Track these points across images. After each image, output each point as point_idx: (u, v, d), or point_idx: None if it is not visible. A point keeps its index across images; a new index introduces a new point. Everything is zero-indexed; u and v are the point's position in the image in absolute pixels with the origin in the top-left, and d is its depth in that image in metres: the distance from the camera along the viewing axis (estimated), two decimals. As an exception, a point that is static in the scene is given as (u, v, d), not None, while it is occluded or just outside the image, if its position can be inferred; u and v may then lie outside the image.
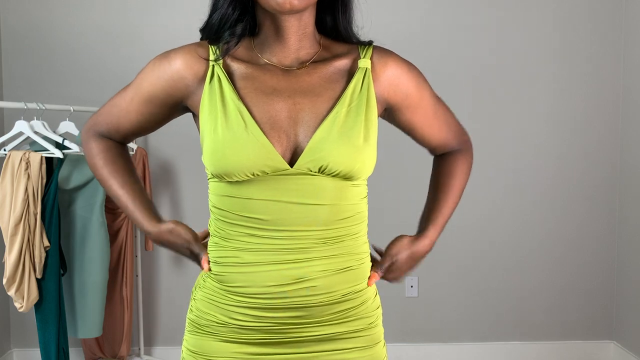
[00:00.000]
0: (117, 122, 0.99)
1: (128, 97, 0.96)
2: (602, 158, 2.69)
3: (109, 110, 0.99)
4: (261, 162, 0.83)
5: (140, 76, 0.96)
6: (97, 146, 1.01)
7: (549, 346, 2.74)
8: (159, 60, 0.96)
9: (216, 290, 0.91)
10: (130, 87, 0.97)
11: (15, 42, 2.60)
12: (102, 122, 1.00)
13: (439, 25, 2.64)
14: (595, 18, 2.65)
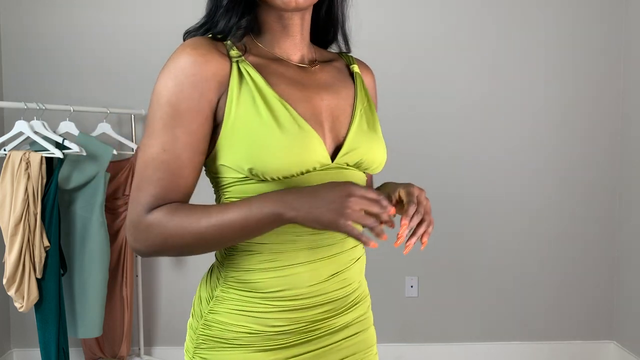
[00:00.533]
0: (172, 180, 0.78)
1: (169, 139, 0.77)
2: (602, 158, 2.69)
3: (152, 176, 0.77)
4: (314, 158, 0.81)
5: (172, 102, 0.76)
6: (160, 216, 0.77)
7: (549, 346, 2.74)
8: (189, 74, 0.77)
9: (247, 299, 0.85)
10: (165, 126, 0.76)
11: (15, 42, 2.60)
12: (151, 196, 0.77)
13: (438, 27, 2.64)
14: (595, 18, 2.65)
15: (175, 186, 0.79)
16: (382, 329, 2.74)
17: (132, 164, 2.43)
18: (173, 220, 0.77)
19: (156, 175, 0.77)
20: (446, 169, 2.67)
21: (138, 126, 2.64)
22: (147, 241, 0.78)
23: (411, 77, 2.65)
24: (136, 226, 0.78)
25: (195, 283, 2.90)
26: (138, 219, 0.77)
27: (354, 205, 0.72)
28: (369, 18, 2.63)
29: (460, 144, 2.67)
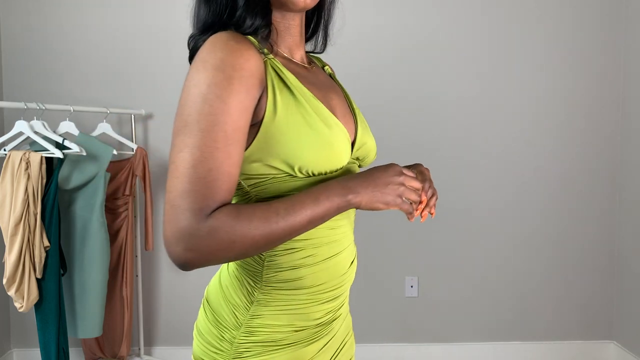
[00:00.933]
0: (224, 180, 0.73)
1: (220, 137, 0.72)
2: (602, 158, 2.69)
3: (205, 177, 0.71)
4: (347, 155, 0.84)
5: (222, 97, 0.72)
6: (223, 219, 0.71)
7: (549, 346, 2.74)
8: (237, 68, 0.73)
9: (292, 297, 0.84)
10: (215, 123, 0.72)
11: (15, 42, 2.60)
12: (205, 199, 0.71)
13: (437, 26, 2.64)
14: (595, 18, 2.65)
15: (226, 186, 0.73)
16: (382, 329, 2.76)
17: (132, 164, 2.43)
18: (239, 222, 0.71)
19: (210, 177, 0.71)
20: (445, 169, 2.67)
21: (138, 126, 2.64)
22: (209, 247, 0.71)
23: (410, 76, 2.65)
24: (193, 233, 0.70)
25: (195, 283, 2.91)
26: (194, 225, 0.70)
27: (407, 183, 0.81)
28: (365, 14, 2.63)
29: (459, 144, 2.67)
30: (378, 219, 2.64)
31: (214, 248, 0.71)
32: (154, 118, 2.65)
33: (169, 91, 2.63)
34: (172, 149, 0.74)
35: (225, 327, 0.86)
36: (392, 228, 2.67)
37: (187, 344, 2.73)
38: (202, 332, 0.90)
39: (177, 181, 0.72)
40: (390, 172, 0.81)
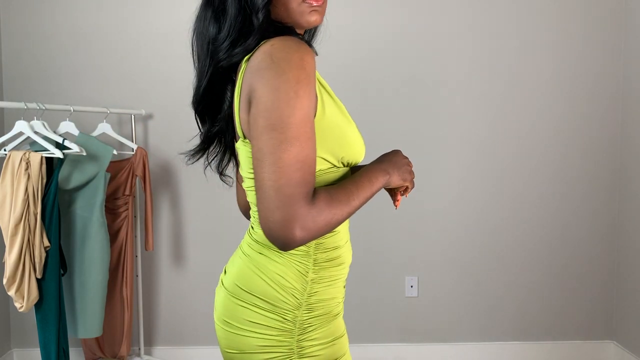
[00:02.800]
0: (314, 170, 0.83)
1: (309, 130, 0.80)
2: (602, 158, 2.70)
3: (308, 170, 0.80)
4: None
5: (310, 94, 0.80)
6: (323, 200, 0.82)
7: (549, 346, 2.74)
8: (313, 68, 0.82)
9: (334, 273, 0.97)
10: (305, 118, 0.80)
11: (15, 42, 2.60)
12: (310, 187, 0.80)
13: (436, 24, 2.64)
14: (595, 15, 2.65)
15: (315, 172, 0.83)
16: (382, 329, 2.76)
17: (132, 164, 2.43)
18: (333, 203, 0.83)
19: (307, 165, 0.79)
20: (444, 169, 2.68)
21: (138, 126, 2.64)
22: (317, 226, 0.80)
23: (411, 75, 2.65)
24: (306, 216, 0.79)
25: (195, 283, 2.91)
26: (307, 208, 0.78)
27: (410, 167, 1.02)
28: (356, 13, 2.63)
29: (459, 144, 2.67)
30: (378, 218, 2.64)
31: (320, 226, 0.81)
32: (154, 118, 2.65)
33: (169, 91, 2.63)
34: (266, 142, 0.79)
35: (286, 310, 0.92)
36: (392, 228, 2.67)
37: (187, 343, 2.73)
38: (255, 323, 0.92)
39: (283, 171, 0.78)
40: (401, 156, 1.01)
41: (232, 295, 0.95)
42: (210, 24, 0.91)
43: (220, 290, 1.00)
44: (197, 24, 0.95)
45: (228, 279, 0.98)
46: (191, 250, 2.71)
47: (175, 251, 2.71)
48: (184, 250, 2.71)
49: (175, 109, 2.63)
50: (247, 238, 1.00)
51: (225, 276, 1.01)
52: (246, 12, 0.88)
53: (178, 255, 2.71)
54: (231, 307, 0.95)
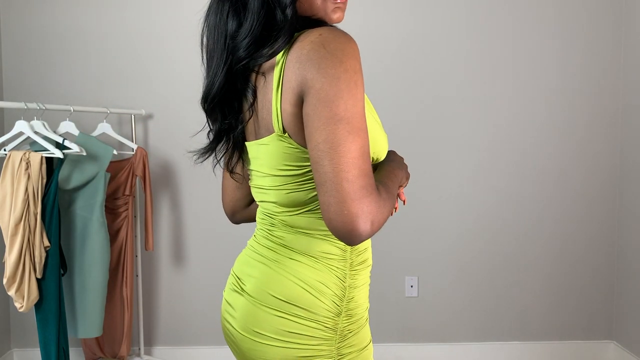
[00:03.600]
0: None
1: (366, 124, 0.79)
2: (602, 159, 2.70)
3: (369, 163, 0.78)
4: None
5: (361, 91, 0.78)
6: (379, 192, 0.80)
7: (549, 346, 2.74)
8: (361, 63, 0.80)
9: (365, 275, 0.97)
10: (364, 113, 0.79)
11: (15, 42, 2.60)
12: (372, 179, 0.79)
13: (436, 24, 2.64)
14: (595, 17, 2.65)
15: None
16: (382, 329, 2.76)
17: (132, 164, 2.43)
18: (385, 196, 0.81)
19: (370, 160, 0.79)
20: (444, 170, 2.68)
21: (138, 126, 2.64)
22: (382, 217, 0.78)
23: (410, 74, 2.65)
24: (378, 206, 0.77)
25: (195, 283, 2.90)
26: (378, 198, 0.77)
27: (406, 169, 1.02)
28: (366, 13, 2.63)
29: (460, 144, 2.67)
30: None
31: (384, 219, 0.78)
32: (154, 118, 2.65)
33: (169, 91, 2.63)
34: (332, 134, 0.75)
35: (327, 318, 0.89)
36: (392, 228, 2.67)
37: (187, 343, 2.73)
38: (294, 333, 0.88)
39: (353, 163, 0.75)
40: (400, 158, 1.01)
41: (264, 304, 0.89)
42: (229, 19, 0.86)
43: (240, 298, 0.93)
44: (212, 17, 0.90)
45: (253, 286, 0.92)
46: (191, 250, 2.71)
47: (175, 251, 2.71)
48: (184, 250, 2.71)
49: (175, 109, 2.63)
50: (264, 242, 0.95)
51: (242, 282, 0.95)
52: (270, 7, 0.83)
53: (178, 255, 2.71)
54: (263, 316, 0.89)
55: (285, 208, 0.91)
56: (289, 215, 0.91)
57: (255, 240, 0.99)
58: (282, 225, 0.92)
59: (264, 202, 0.95)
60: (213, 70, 0.90)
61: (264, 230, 0.96)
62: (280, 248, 0.92)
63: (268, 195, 0.92)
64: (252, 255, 0.96)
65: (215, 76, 0.89)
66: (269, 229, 0.95)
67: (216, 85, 0.89)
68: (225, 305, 0.99)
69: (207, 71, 0.92)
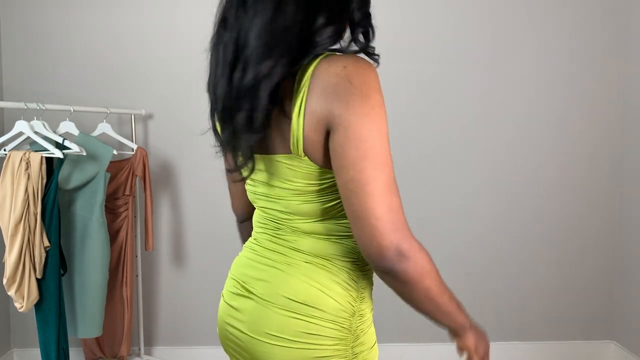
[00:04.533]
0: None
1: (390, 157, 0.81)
2: (602, 158, 2.70)
3: (397, 193, 0.81)
4: None
5: (385, 137, 0.80)
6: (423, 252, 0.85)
7: (549, 346, 2.74)
8: (383, 97, 0.81)
9: (370, 277, 1.01)
10: (388, 146, 0.80)
11: (15, 42, 2.60)
12: (402, 209, 0.84)
13: (434, 25, 2.64)
14: (596, 17, 2.65)
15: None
16: (382, 329, 2.75)
17: (132, 164, 2.43)
18: (432, 269, 0.86)
19: (398, 194, 0.81)
20: (444, 169, 2.67)
21: (138, 126, 2.64)
22: (418, 263, 0.83)
23: (412, 77, 2.65)
24: (405, 241, 0.82)
25: (195, 283, 2.91)
26: (406, 237, 0.82)
27: (487, 357, 1.05)
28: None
29: (458, 144, 2.67)
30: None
31: (420, 267, 0.84)
32: (154, 118, 2.65)
33: (169, 91, 2.63)
34: (362, 173, 0.77)
35: (343, 318, 0.90)
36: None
37: (187, 344, 2.73)
38: (312, 334, 0.88)
39: (383, 200, 0.78)
40: (486, 339, 1.07)
41: (279, 306, 0.89)
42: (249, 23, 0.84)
43: (249, 302, 0.93)
44: (232, 20, 0.86)
45: (264, 290, 0.92)
46: (191, 250, 2.71)
47: (175, 251, 2.71)
48: (184, 250, 2.71)
49: (175, 109, 2.63)
50: (271, 245, 0.95)
51: (249, 286, 0.94)
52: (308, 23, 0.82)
53: (178, 255, 2.71)
54: (278, 319, 0.89)
55: (296, 216, 0.91)
56: (301, 223, 0.91)
57: (257, 244, 0.98)
58: (291, 230, 0.93)
59: (268, 209, 0.95)
60: (226, 80, 0.86)
61: (268, 234, 0.96)
62: (290, 251, 0.92)
63: (275, 204, 0.93)
64: (257, 259, 0.96)
65: (229, 86, 0.85)
66: (275, 233, 0.95)
67: (235, 96, 0.85)
68: (229, 310, 0.97)
69: (220, 80, 0.87)
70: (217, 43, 0.89)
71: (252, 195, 0.99)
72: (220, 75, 0.87)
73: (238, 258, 1.04)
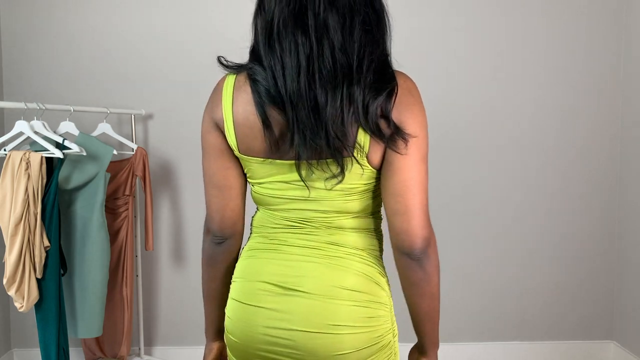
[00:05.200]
0: None
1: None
2: (602, 158, 2.69)
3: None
4: None
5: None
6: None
7: (549, 346, 2.74)
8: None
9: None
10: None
11: (15, 42, 2.60)
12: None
13: (436, 27, 2.64)
14: (596, 16, 2.65)
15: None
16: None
17: (132, 164, 2.43)
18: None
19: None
20: (445, 169, 2.67)
21: (138, 126, 2.64)
22: (437, 255, 1.09)
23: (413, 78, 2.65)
24: (434, 237, 1.04)
25: (195, 283, 2.91)
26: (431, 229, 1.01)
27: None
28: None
29: (459, 145, 2.67)
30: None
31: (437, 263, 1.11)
32: (154, 118, 2.65)
33: (169, 91, 2.63)
34: (420, 173, 0.94)
35: (387, 300, 1.04)
36: (392, 228, 2.67)
37: (187, 343, 2.73)
38: (369, 317, 0.98)
39: (426, 196, 0.95)
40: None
41: (336, 297, 0.96)
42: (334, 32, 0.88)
43: (297, 300, 0.96)
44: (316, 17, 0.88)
45: (315, 285, 0.96)
46: (191, 250, 2.71)
47: (175, 251, 2.71)
48: (184, 250, 2.71)
49: (175, 109, 2.63)
50: (306, 243, 0.99)
51: (293, 285, 0.97)
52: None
53: (178, 255, 2.71)
54: (337, 309, 0.96)
55: (339, 214, 0.99)
56: (342, 219, 0.99)
57: (284, 244, 1.00)
58: (327, 226, 0.99)
59: (299, 210, 0.99)
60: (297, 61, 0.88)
61: (298, 233, 1.00)
62: (328, 246, 0.99)
63: (312, 204, 0.98)
64: (291, 257, 0.99)
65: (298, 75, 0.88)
66: (308, 231, 1.00)
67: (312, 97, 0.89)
68: (268, 314, 0.97)
69: (292, 65, 0.88)
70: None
71: (276, 199, 1.00)
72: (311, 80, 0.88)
73: (255, 262, 1.02)
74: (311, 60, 0.87)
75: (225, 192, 1.03)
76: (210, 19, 2.57)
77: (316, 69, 0.87)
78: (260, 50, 0.91)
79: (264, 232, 1.04)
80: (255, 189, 1.03)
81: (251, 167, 1.00)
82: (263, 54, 0.90)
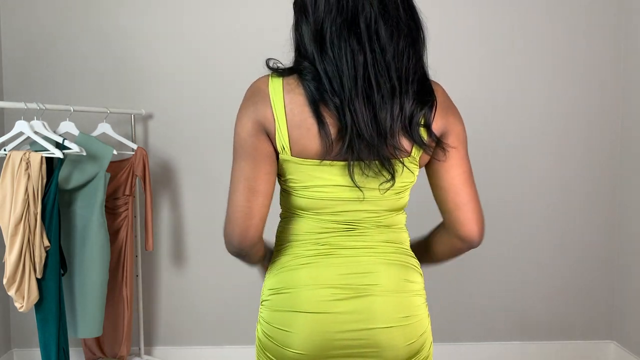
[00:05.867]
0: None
1: None
2: (602, 158, 2.70)
3: None
4: None
5: None
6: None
7: (549, 346, 2.74)
8: None
9: None
10: None
11: (16, 42, 2.60)
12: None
13: (437, 28, 2.64)
14: (595, 15, 2.65)
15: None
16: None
17: (132, 164, 2.43)
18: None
19: None
20: (446, 169, 2.67)
21: (138, 126, 2.64)
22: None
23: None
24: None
25: (195, 283, 2.90)
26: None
27: None
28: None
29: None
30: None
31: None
32: (154, 118, 2.65)
33: (169, 91, 2.63)
34: (469, 166, 1.12)
35: (424, 286, 1.10)
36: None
37: (187, 343, 2.73)
38: (424, 304, 1.07)
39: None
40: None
41: (405, 291, 1.03)
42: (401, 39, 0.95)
43: (373, 299, 0.99)
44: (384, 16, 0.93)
45: (388, 282, 1.01)
46: (191, 250, 2.71)
47: (175, 251, 2.71)
48: (184, 250, 2.71)
49: (175, 109, 2.63)
50: (363, 244, 1.03)
51: (365, 285, 0.99)
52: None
53: (178, 255, 2.71)
54: (408, 301, 1.03)
55: (387, 212, 1.06)
56: (388, 217, 1.06)
57: (342, 247, 1.02)
58: (375, 225, 1.04)
59: (348, 212, 1.02)
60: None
61: (348, 235, 1.02)
62: (384, 244, 1.04)
63: (362, 205, 1.02)
64: (353, 260, 1.01)
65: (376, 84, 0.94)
66: (359, 232, 1.03)
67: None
68: (338, 318, 0.97)
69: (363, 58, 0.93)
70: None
71: (328, 201, 1.00)
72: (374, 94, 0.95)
73: (311, 270, 1.01)
74: (366, 68, 0.92)
75: (260, 199, 0.98)
76: (211, 19, 2.57)
77: (372, 77, 0.92)
78: (310, 55, 0.94)
79: (310, 239, 1.02)
80: (302, 194, 1.01)
81: (300, 170, 0.98)
82: (316, 58, 0.93)
